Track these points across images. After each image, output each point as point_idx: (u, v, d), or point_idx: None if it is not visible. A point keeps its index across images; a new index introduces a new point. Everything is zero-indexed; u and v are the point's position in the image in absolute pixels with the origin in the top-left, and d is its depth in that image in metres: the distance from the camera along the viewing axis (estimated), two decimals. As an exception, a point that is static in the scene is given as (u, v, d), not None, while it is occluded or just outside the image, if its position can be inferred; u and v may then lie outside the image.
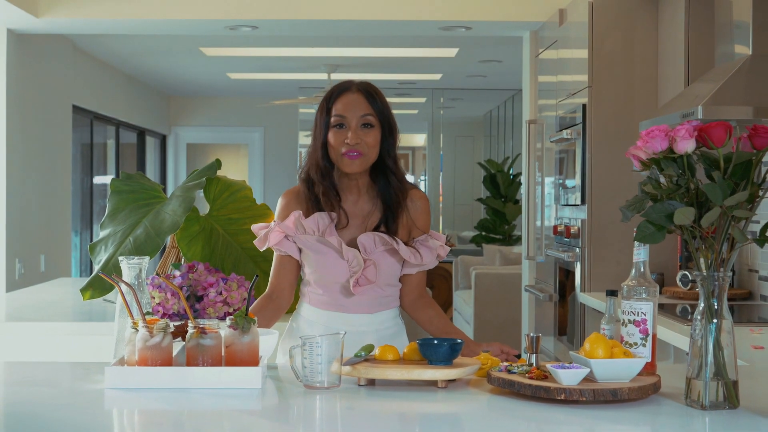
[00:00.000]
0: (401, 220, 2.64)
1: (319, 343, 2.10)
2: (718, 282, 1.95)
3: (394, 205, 2.63)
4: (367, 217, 2.64)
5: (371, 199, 2.65)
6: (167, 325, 2.14)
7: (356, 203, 2.65)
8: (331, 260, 2.58)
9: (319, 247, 2.59)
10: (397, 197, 2.63)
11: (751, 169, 1.91)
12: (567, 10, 5.06)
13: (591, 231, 4.48)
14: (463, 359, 2.23)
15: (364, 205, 2.65)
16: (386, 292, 2.66)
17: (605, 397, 1.95)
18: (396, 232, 2.62)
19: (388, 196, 2.63)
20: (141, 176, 3.60)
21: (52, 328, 3.50)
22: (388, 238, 2.59)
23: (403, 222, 2.65)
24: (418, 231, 2.67)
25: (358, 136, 2.56)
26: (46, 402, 2.03)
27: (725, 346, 1.95)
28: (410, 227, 2.66)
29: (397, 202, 2.63)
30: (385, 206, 2.63)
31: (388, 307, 2.68)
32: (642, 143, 1.94)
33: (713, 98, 3.32)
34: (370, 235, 2.58)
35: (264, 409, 2.05)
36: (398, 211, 2.63)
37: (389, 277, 2.64)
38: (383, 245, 2.59)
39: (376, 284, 2.60)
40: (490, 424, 1.91)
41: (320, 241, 2.58)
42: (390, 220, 2.62)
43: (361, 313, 2.63)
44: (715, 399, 1.93)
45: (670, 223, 1.92)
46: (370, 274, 2.56)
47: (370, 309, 2.64)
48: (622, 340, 2.13)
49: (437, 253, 2.67)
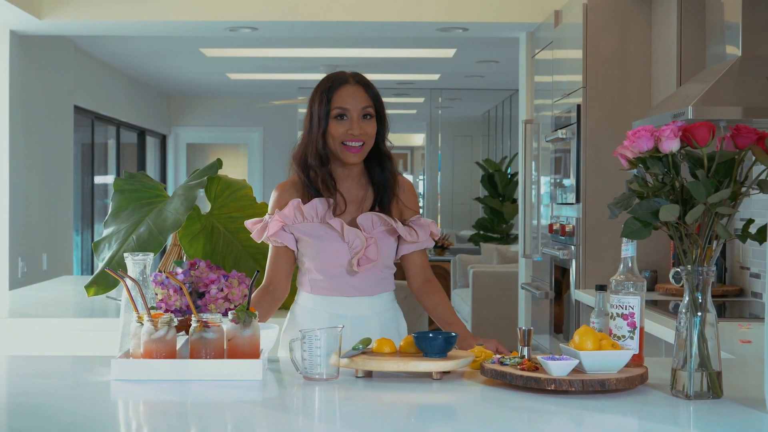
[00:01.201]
0: (393, 203, 2.74)
1: (318, 336, 2.18)
2: (703, 276, 2.02)
3: (390, 188, 2.73)
4: (362, 202, 2.75)
5: (363, 185, 2.77)
6: (171, 319, 2.21)
7: (350, 190, 2.75)
8: (332, 244, 2.67)
9: (321, 232, 2.67)
10: (393, 179, 2.76)
11: (734, 168, 1.98)
12: (562, 12, 5.13)
13: (585, 229, 4.55)
14: (457, 352, 2.30)
15: (357, 191, 2.76)
16: (384, 273, 2.76)
17: (594, 387, 2.02)
18: (390, 214, 2.73)
19: (384, 181, 2.75)
20: (144, 175, 3.67)
21: (55, 324, 3.58)
22: (385, 217, 2.70)
23: (395, 206, 2.76)
24: (409, 211, 2.79)
25: (360, 127, 2.66)
26: (54, 393, 2.10)
27: (709, 339, 2.02)
28: (401, 209, 2.78)
29: (392, 186, 2.75)
30: (378, 190, 2.74)
31: (386, 289, 2.78)
32: (629, 143, 2.02)
33: (703, 99, 3.39)
34: (368, 215, 2.69)
35: (265, 400, 2.12)
36: (392, 192, 2.75)
37: (387, 258, 2.74)
38: (381, 225, 2.70)
39: (375, 265, 2.69)
40: (483, 413, 1.98)
41: (322, 226, 2.66)
42: (385, 202, 2.73)
43: (363, 296, 2.72)
44: (699, 389, 2.00)
45: (655, 219, 1.99)
46: (371, 253, 2.66)
47: (371, 291, 2.73)
48: (611, 332, 2.20)
49: (430, 230, 2.78)
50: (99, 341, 3.46)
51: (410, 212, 2.80)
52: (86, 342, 3.50)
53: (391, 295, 2.82)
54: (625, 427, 1.89)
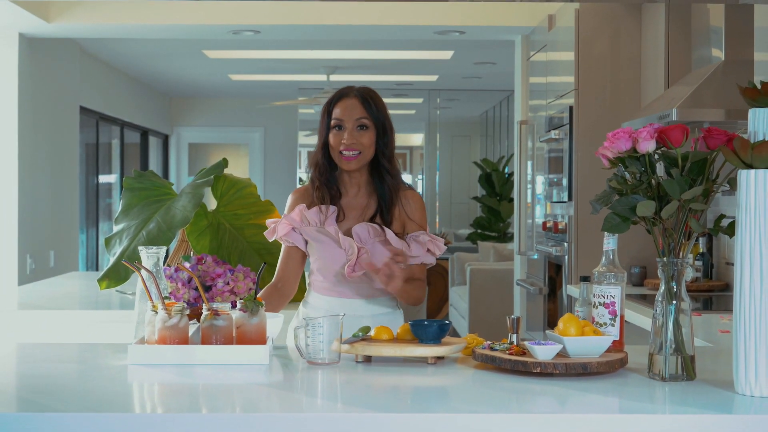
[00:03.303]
0: (395, 213, 2.89)
1: (321, 324, 2.34)
2: (677, 267, 2.18)
3: (388, 199, 2.87)
4: (364, 210, 2.90)
5: (368, 194, 2.91)
6: (184, 308, 2.37)
7: (355, 197, 2.91)
8: (330, 249, 2.83)
9: (319, 237, 2.84)
10: (391, 192, 2.89)
11: (706, 167, 2.14)
12: (555, 16, 5.29)
13: (578, 226, 4.71)
14: (450, 339, 2.46)
15: (361, 200, 2.91)
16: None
17: (576, 370, 2.18)
18: (390, 223, 2.87)
19: (382, 191, 2.88)
20: (152, 174, 3.83)
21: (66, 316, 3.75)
22: (379, 228, 2.83)
23: (397, 216, 2.89)
24: (412, 224, 2.91)
25: (353, 137, 2.83)
26: (75, 375, 2.27)
27: (683, 325, 2.18)
28: (404, 221, 2.91)
29: (391, 197, 2.88)
30: (380, 200, 2.88)
31: (383, 294, 2.91)
32: (609, 144, 2.18)
33: (688, 101, 3.55)
34: (365, 226, 2.84)
35: (271, 383, 2.26)
36: (391, 205, 2.87)
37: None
38: (377, 236, 2.84)
39: (368, 273, 2.83)
40: (474, 394, 2.14)
41: (320, 231, 2.83)
42: (385, 212, 2.87)
43: (359, 299, 2.87)
44: (674, 372, 2.16)
45: (633, 214, 2.15)
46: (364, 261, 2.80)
47: (367, 295, 2.88)
48: (593, 320, 2.36)
49: (427, 247, 2.89)
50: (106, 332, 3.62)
51: (413, 225, 2.91)
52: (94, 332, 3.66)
53: (389, 299, 2.93)
54: (605, 406, 2.04)
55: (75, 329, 3.69)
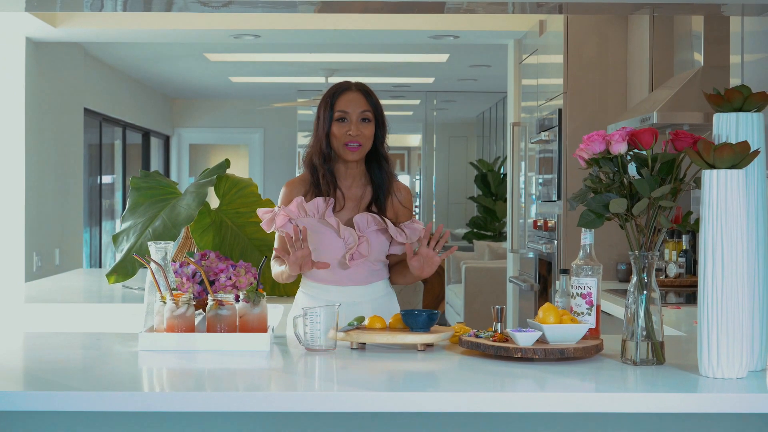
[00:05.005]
0: (389, 203, 3.06)
1: (318, 313, 2.51)
2: (648, 260, 2.35)
3: (386, 187, 3.05)
4: (360, 200, 3.06)
5: (363, 185, 3.08)
6: (190, 298, 2.55)
7: (350, 188, 3.07)
8: (329, 239, 2.99)
9: (319, 228, 3.00)
10: (389, 178, 3.08)
11: (674, 167, 2.31)
12: (546, 21, 5.46)
13: (566, 224, 4.88)
14: (438, 327, 2.64)
15: (356, 190, 3.07)
16: (376, 266, 3.06)
17: (555, 355, 2.35)
18: (385, 212, 3.04)
19: (380, 180, 3.06)
20: (158, 174, 4.01)
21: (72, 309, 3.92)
22: (379, 219, 3.00)
23: (390, 205, 3.07)
24: (404, 212, 3.09)
25: (358, 129, 2.99)
26: (90, 360, 2.45)
27: (653, 313, 2.35)
28: (397, 211, 3.08)
29: (389, 183, 3.07)
30: (375, 190, 3.05)
31: (380, 278, 3.08)
32: (584, 146, 2.35)
33: (668, 104, 3.72)
34: (364, 215, 3.00)
35: (271, 368, 2.44)
36: (388, 192, 3.05)
37: (379, 253, 3.04)
38: (375, 225, 3.01)
39: (368, 259, 3.00)
40: (460, 378, 2.31)
41: (321, 222, 2.99)
42: (381, 200, 3.04)
43: (356, 285, 3.03)
44: (645, 356, 2.34)
45: (607, 211, 2.33)
46: (363, 249, 2.97)
47: (364, 281, 3.04)
48: (572, 309, 2.54)
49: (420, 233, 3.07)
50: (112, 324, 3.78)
51: (406, 212, 3.10)
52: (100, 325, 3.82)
53: (385, 282, 3.11)
54: (581, 388, 2.21)
55: (81, 321, 3.85)
